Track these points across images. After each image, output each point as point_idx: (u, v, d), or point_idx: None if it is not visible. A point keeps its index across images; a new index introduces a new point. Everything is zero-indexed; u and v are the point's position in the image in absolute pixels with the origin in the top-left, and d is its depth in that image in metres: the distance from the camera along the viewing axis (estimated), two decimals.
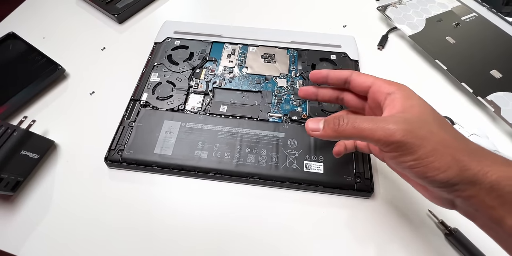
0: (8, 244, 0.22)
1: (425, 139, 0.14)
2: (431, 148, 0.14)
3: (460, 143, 0.14)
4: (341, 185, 0.23)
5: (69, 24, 0.36)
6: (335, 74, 0.20)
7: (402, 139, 0.14)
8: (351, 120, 0.15)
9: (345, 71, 0.19)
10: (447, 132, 0.14)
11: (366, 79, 0.18)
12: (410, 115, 0.15)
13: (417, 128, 0.14)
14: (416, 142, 0.14)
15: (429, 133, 0.14)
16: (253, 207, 0.23)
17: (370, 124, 0.15)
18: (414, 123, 0.14)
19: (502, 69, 0.30)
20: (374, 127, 0.14)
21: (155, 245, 0.22)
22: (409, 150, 0.14)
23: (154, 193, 0.24)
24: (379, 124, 0.14)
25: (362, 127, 0.15)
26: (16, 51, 0.31)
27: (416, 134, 0.14)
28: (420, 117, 0.15)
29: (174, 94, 0.28)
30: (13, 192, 0.23)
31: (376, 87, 0.17)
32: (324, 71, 0.20)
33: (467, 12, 0.36)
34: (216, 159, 0.24)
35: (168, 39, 0.33)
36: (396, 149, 0.14)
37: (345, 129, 0.15)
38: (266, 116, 0.27)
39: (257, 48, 0.32)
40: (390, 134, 0.14)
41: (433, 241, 0.22)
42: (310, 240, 0.22)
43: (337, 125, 0.16)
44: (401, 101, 0.16)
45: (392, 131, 0.14)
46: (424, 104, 0.16)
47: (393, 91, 0.16)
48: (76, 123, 0.28)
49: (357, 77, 0.19)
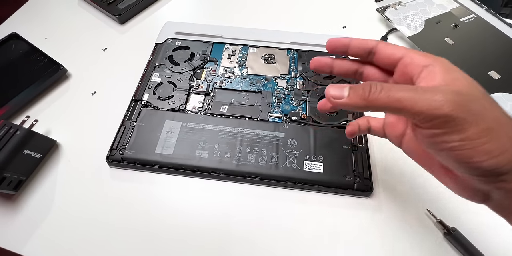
0: (10, 242, 0.22)
1: (479, 115, 0.11)
2: (486, 127, 0.11)
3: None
4: (340, 184, 0.24)
5: (71, 25, 0.36)
6: (358, 42, 0.16)
7: (452, 113, 0.11)
8: (385, 88, 0.12)
9: (370, 40, 0.16)
10: (500, 109, 0.12)
11: (396, 50, 0.15)
12: (457, 88, 0.12)
13: (470, 101, 0.12)
14: (469, 118, 0.11)
15: (483, 108, 0.12)
16: (253, 206, 0.24)
17: (410, 93, 0.12)
18: (465, 96, 0.12)
19: (500, 70, 0.30)
20: (416, 97, 0.12)
21: (156, 244, 0.22)
22: (457, 127, 0.11)
23: (155, 192, 0.24)
24: (423, 94, 0.12)
25: (400, 96, 0.12)
26: (19, 52, 0.31)
27: (469, 108, 0.11)
28: (469, 91, 0.12)
29: (175, 94, 0.29)
30: (16, 191, 0.24)
31: (408, 59, 0.14)
32: (345, 39, 0.17)
33: (466, 13, 0.36)
34: (217, 158, 0.24)
35: (169, 40, 0.33)
36: (442, 125, 0.12)
37: (378, 98, 0.12)
38: (266, 116, 0.27)
39: (258, 49, 0.32)
40: (437, 106, 0.11)
41: (431, 240, 0.22)
42: (310, 239, 0.22)
43: (368, 92, 0.13)
44: (442, 74, 0.13)
45: (439, 102, 0.11)
46: (469, 78, 0.13)
47: (431, 63, 0.13)
48: (78, 123, 0.28)
49: (385, 47, 0.16)
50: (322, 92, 0.29)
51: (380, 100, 0.13)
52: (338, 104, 0.14)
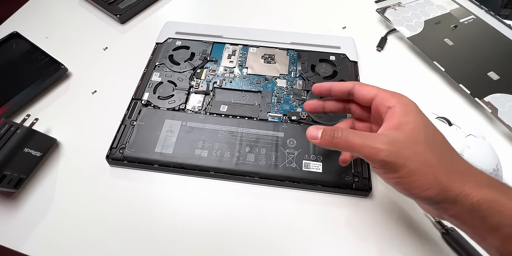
0: (10, 240, 0.22)
1: (408, 159, 0.15)
2: (413, 168, 0.15)
3: (445, 163, 0.15)
4: (339, 184, 0.24)
5: (72, 24, 0.36)
6: (338, 86, 0.20)
7: (386, 159, 0.15)
8: (344, 134, 0.17)
9: (348, 83, 0.20)
10: (434, 152, 0.15)
11: (369, 91, 0.18)
12: (400, 134, 0.16)
13: (402, 148, 0.15)
14: (399, 162, 0.15)
15: (413, 153, 0.15)
16: (252, 205, 0.24)
17: (360, 141, 0.16)
18: (401, 143, 0.15)
19: (499, 71, 0.31)
20: (363, 144, 0.16)
21: (155, 243, 0.22)
22: (392, 169, 0.15)
23: (155, 191, 0.24)
24: (367, 142, 0.16)
25: (353, 143, 0.16)
26: (20, 51, 0.32)
27: (399, 154, 0.15)
28: (410, 136, 0.15)
29: (175, 93, 0.29)
30: (16, 189, 0.24)
31: (379, 99, 0.18)
32: (326, 84, 0.20)
33: (465, 14, 0.36)
34: (216, 158, 0.24)
35: (169, 40, 0.33)
36: (381, 166, 0.16)
37: (338, 142, 0.17)
38: (265, 116, 0.27)
39: (258, 49, 0.33)
40: (375, 153, 0.15)
41: (430, 240, 0.22)
42: (309, 238, 0.22)
43: (332, 137, 0.17)
44: (399, 116, 0.16)
45: (377, 150, 0.15)
46: (419, 121, 0.16)
47: (394, 104, 0.17)
48: (78, 122, 0.28)
49: (360, 89, 0.19)
50: None
51: (340, 144, 0.17)
52: (314, 143, 0.18)
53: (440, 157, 0.15)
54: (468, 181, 0.14)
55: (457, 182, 0.14)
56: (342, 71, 0.31)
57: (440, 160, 0.15)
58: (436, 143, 0.16)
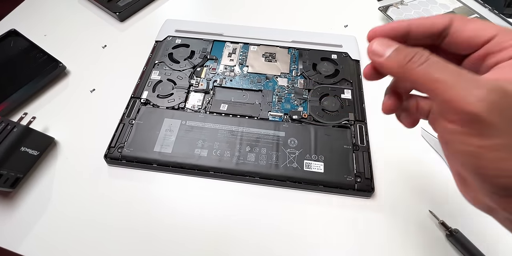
0: (6, 241, 0.22)
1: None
2: (507, 143, 0.10)
3: None
4: (341, 184, 0.23)
5: (71, 22, 0.36)
6: (423, 25, 0.13)
7: (482, 114, 0.09)
8: (430, 62, 0.11)
9: (440, 18, 0.12)
10: None
11: (483, 30, 0.12)
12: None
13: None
14: (500, 126, 0.09)
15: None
16: (252, 205, 0.23)
17: (449, 76, 0.10)
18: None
19: None
20: (453, 82, 0.10)
21: (154, 243, 0.22)
22: (482, 131, 0.10)
23: (153, 191, 0.24)
24: (464, 82, 0.10)
25: (437, 77, 0.10)
26: (18, 48, 0.31)
27: (506, 115, 0.09)
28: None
29: (174, 92, 0.28)
30: (13, 188, 0.23)
31: (501, 43, 0.11)
32: (401, 24, 0.13)
33: (468, 13, 0.36)
34: (216, 157, 0.24)
35: (169, 38, 0.33)
36: (466, 123, 0.10)
37: (414, 69, 0.11)
38: (266, 115, 0.27)
39: (258, 47, 0.32)
40: (470, 101, 0.09)
41: (433, 242, 0.22)
42: (309, 239, 0.22)
43: (408, 60, 0.11)
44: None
45: (475, 97, 0.09)
46: None
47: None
48: (76, 120, 0.28)
49: (465, 27, 0.12)
50: (323, 91, 0.29)
51: (415, 74, 0.11)
52: (375, 61, 0.12)
53: None
54: None
55: None
56: (344, 70, 0.30)
57: None
58: None
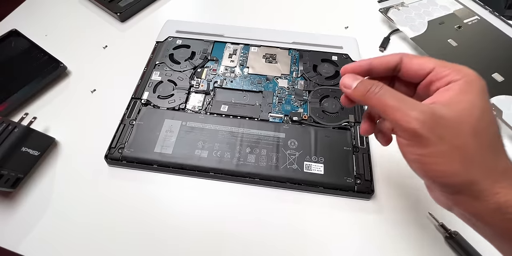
0: (7, 240, 0.22)
1: (442, 138, 0.13)
2: (444, 150, 0.13)
3: (485, 156, 0.13)
4: (341, 186, 0.23)
5: (72, 22, 0.36)
6: (380, 63, 0.16)
7: (417, 130, 0.13)
8: (382, 91, 0.14)
9: (392, 57, 0.16)
10: (478, 140, 0.13)
11: (423, 64, 0.15)
12: (447, 111, 0.13)
13: (441, 125, 0.13)
14: (430, 138, 0.13)
15: (452, 134, 0.13)
16: (252, 207, 0.23)
17: (395, 102, 0.14)
18: (442, 119, 0.13)
19: (504, 72, 0.30)
20: (398, 106, 0.13)
21: (153, 243, 0.22)
22: (419, 143, 0.13)
23: (154, 191, 0.24)
24: (404, 106, 0.13)
25: (387, 103, 0.14)
26: (19, 48, 0.31)
27: (435, 130, 0.13)
28: (458, 116, 0.13)
29: (175, 93, 0.28)
30: (13, 188, 0.23)
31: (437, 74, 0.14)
32: (364, 63, 0.16)
33: (469, 15, 0.36)
34: (216, 158, 0.24)
35: (170, 38, 0.33)
36: (409, 137, 0.13)
37: (371, 98, 0.14)
38: (266, 116, 0.27)
39: (259, 48, 0.32)
40: (408, 120, 0.13)
41: (433, 244, 0.22)
42: (309, 241, 0.22)
43: (367, 91, 0.15)
44: (454, 93, 0.14)
45: (411, 118, 0.13)
46: (476, 104, 0.13)
47: (456, 80, 0.14)
48: (77, 121, 0.28)
49: (411, 62, 0.15)
50: (323, 93, 0.29)
51: (372, 101, 0.15)
52: (345, 92, 0.16)
53: (482, 148, 0.13)
54: (501, 180, 0.13)
55: (489, 179, 0.13)
56: None
57: (480, 150, 0.13)
58: (486, 132, 0.13)
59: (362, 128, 0.18)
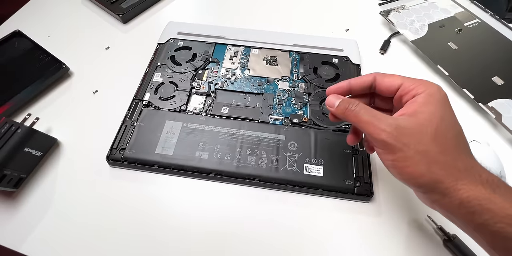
0: (9, 240, 0.22)
1: (406, 145, 0.15)
2: (409, 155, 0.15)
3: (446, 157, 0.15)
4: (340, 188, 0.23)
5: (74, 23, 0.36)
6: (357, 83, 0.19)
7: (386, 140, 0.16)
8: (357, 109, 0.17)
9: (367, 77, 0.19)
10: (439, 145, 0.15)
11: (393, 81, 0.18)
12: (410, 122, 0.16)
13: (405, 134, 0.16)
14: (397, 146, 0.16)
15: (415, 141, 0.15)
16: (252, 208, 0.24)
17: (368, 118, 0.17)
18: (406, 130, 0.16)
19: (504, 76, 0.30)
20: (370, 121, 0.16)
21: (153, 244, 0.22)
22: (390, 150, 0.16)
23: (155, 192, 0.24)
24: (375, 121, 0.16)
25: (361, 119, 0.17)
26: (22, 49, 0.31)
27: (400, 139, 0.16)
28: (420, 125, 0.16)
29: (176, 94, 0.29)
30: (16, 188, 0.24)
31: (405, 89, 0.17)
32: (343, 85, 0.19)
33: (470, 18, 0.36)
34: (217, 160, 0.24)
35: (171, 40, 0.33)
36: (382, 146, 0.16)
37: (349, 115, 0.17)
38: (267, 118, 0.27)
39: (260, 51, 0.32)
40: (378, 132, 0.16)
41: (431, 247, 0.22)
42: (308, 242, 0.22)
43: (345, 109, 0.18)
44: (418, 105, 0.16)
45: (380, 130, 0.16)
46: (436, 113, 0.16)
47: (419, 93, 0.17)
48: (79, 122, 0.28)
49: (382, 80, 0.18)
50: (323, 95, 0.29)
51: (350, 117, 0.17)
52: (329, 110, 0.19)
53: (442, 151, 0.15)
54: (463, 178, 0.15)
55: (451, 177, 0.15)
56: (344, 74, 0.31)
57: (441, 153, 0.15)
58: (446, 137, 0.16)
59: (348, 139, 0.21)
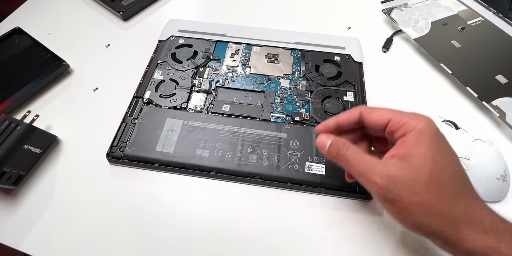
0: (8, 237, 0.22)
1: (400, 197, 0.15)
2: (405, 206, 0.15)
3: (444, 206, 0.14)
4: (342, 187, 0.23)
5: (75, 21, 0.36)
6: (344, 120, 0.18)
7: (379, 191, 0.15)
8: (348, 154, 0.17)
9: (353, 112, 0.18)
10: (434, 192, 0.14)
11: (381, 116, 0.17)
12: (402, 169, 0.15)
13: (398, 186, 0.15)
14: (392, 198, 0.15)
15: (409, 192, 0.15)
16: (253, 206, 0.23)
17: (359, 166, 0.16)
18: (398, 180, 0.15)
19: (507, 74, 0.30)
20: (362, 172, 0.16)
21: (153, 242, 0.22)
22: (385, 201, 0.16)
23: (155, 190, 0.24)
24: (367, 172, 0.16)
25: (353, 166, 0.17)
26: (22, 46, 0.31)
27: (393, 191, 0.15)
28: (412, 173, 0.15)
29: (177, 92, 0.28)
30: (15, 186, 0.23)
31: (394, 125, 0.16)
32: (330, 123, 0.19)
33: (473, 16, 0.36)
34: (218, 158, 0.24)
35: (172, 37, 0.33)
36: (376, 197, 0.16)
37: (341, 160, 0.17)
38: (268, 116, 0.27)
39: (261, 48, 0.32)
40: (371, 184, 0.16)
41: (432, 247, 0.22)
42: (310, 241, 0.22)
43: (336, 153, 0.17)
44: (409, 145, 0.15)
45: (373, 182, 0.15)
46: (427, 154, 0.15)
47: (410, 130, 0.16)
48: (79, 119, 0.28)
49: (370, 116, 0.18)
50: (325, 93, 0.29)
51: (342, 163, 0.17)
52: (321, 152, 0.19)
53: (438, 199, 0.14)
54: (464, 227, 0.14)
55: (450, 227, 0.14)
56: (346, 72, 0.30)
57: (437, 202, 0.14)
58: (440, 181, 0.15)
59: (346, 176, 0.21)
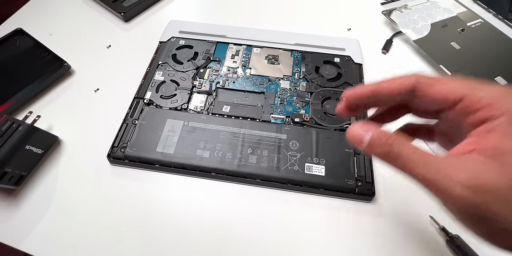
0: (10, 237, 0.22)
1: (500, 213, 0.09)
2: (501, 228, 0.10)
3: None
4: (342, 188, 0.23)
5: (76, 22, 0.36)
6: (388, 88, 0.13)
7: (467, 209, 0.10)
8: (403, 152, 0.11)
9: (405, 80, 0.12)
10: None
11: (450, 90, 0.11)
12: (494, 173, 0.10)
13: (494, 198, 0.09)
14: (487, 215, 0.09)
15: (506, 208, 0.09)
16: (253, 207, 0.23)
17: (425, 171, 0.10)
18: (492, 188, 0.09)
19: (507, 76, 0.30)
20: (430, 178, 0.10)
21: (154, 242, 0.22)
22: (472, 219, 0.10)
23: (155, 190, 0.24)
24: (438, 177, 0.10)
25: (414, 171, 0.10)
26: (23, 47, 0.31)
27: (488, 206, 0.09)
28: (507, 181, 0.09)
29: (177, 93, 0.28)
30: (17, 186, 0.24)
31: (470, 105, 0.11)
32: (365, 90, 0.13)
33: (472, 18, 0.36)
34: (218, 159, 0.24)
35: (173, 39, 0.33)
36: (461, 214, 0.10)
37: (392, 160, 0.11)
38: (268, 117, 0.27)
39: (261, 49, 0.32)
40: (448, 196, 0.10)
41: (433, 247, 0.22)
42: (309, 242, 0.22)
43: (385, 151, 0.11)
44: (500, 136, 0.10)
45: (450, 192, 0.10)
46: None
47: (496, 115, 0.10)
48: (80, 120, 0.28)
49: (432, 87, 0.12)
50: (325, 94, 0.29)
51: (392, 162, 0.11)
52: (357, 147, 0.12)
53: None
54: None
55: None
56: (346, 73, 0.30)
57: None
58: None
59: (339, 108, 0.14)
